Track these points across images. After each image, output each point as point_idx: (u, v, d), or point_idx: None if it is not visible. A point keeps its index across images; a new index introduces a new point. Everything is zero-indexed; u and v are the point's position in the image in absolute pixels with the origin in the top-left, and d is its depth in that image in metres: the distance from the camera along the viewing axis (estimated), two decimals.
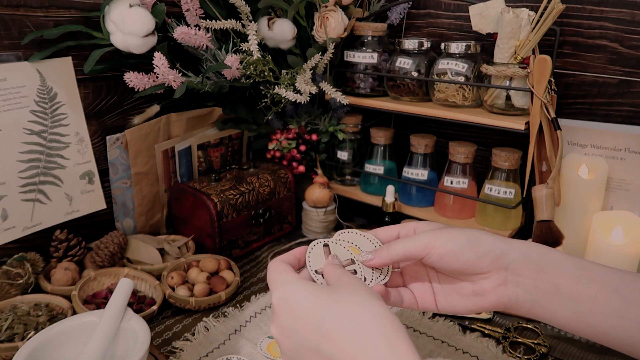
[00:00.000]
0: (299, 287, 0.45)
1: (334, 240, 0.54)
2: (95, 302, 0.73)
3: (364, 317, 0.40)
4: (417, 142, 0.96)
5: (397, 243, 0.51)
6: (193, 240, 0.90)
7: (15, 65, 0.74)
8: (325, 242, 0.54)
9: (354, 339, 0.39)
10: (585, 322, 0.46)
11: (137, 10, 0.75)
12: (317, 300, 0.43)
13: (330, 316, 0.41)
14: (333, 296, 0.43)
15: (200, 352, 0.68)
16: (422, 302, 0.54)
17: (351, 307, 0.41)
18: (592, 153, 0.86)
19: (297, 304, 0.43)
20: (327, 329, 0.41)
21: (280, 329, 0.44)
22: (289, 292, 0.45)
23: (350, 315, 0.41)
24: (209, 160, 1.02)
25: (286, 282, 0.46)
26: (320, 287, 0.45)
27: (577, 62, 0.88)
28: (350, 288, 0.44)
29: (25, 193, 0.76)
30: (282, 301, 0.45)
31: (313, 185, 0.99)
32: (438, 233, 0.50)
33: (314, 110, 1.02)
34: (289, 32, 0.90)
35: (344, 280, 0.46)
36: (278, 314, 0.45)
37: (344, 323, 0.40)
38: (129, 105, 0.90)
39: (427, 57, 0.92)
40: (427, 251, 0.49)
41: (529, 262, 0.48)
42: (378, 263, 0.51)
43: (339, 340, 0.40)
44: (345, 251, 0.53)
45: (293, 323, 0.43)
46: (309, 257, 0.52)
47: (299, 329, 0.42)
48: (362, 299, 0.42)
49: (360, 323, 0.40)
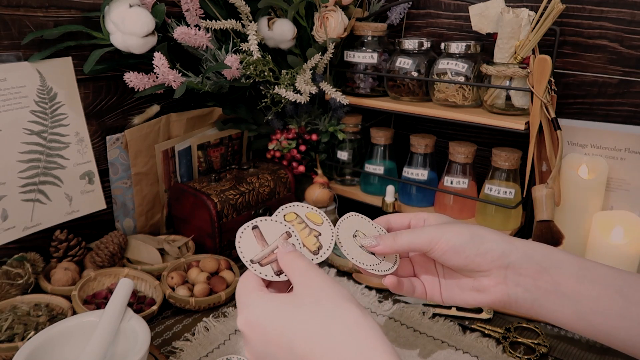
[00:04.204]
0: (262, 309, 0.42)
1: (264, 218, 0.49)
2: (95, 302, 0.73)
3: (333, 329, 0.38)
4: (417, 142, 0.96)
5: (403, 234, 0.51)
6: (193, 240, 0.90)
7: (15, 65, 0.74)
8: (254, 223, 0.48)
9: (324, 357, 0.37)
10: (586, 322, 0.46)
11: (137, 10, 0.75)
12: (282, 320, 0.40)
13: (299, 337, 0.39)
14: (299, 311, 0.40)
15: (200, 352, 0.68)
16: (430, 293, 0.55)
17: (319, 322, 0.39)
18: (592, 153, 0.86)
19: (265, 327, 0.41)
20: (298, 348, 0.39)
21: (255, 353, 0.42)
22: (253, 315, 0.42)
23: (319, 332, 0.38)
24: (209, 160, 1.02)
25: (248, 304, 0.43)
26: (284, 302, 0.42)
27: (577, 62, 0.88)
28: (314, 293, 0.41)
29: (25, 193, 0.76)
30: (247, 326, 0.42)
31: (313, 185, 0.99)
32: (444, 228, 0.50)
33: (314, 110, 1.02)
34: (289, 32, 0.90)
35: (307, 281, 0.43)
36: (249, 339, 0.43)
37: (313, 340, 0.38)
38: (129, 105, 0.90)
39: (427, 57, 0.92)
40: (431, 246, 0.50)
41: (531, 262, 0.48)
42: (382, 251, 0.51)
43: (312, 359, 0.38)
44: (278, 225, 0.48)
45: (266, 347, 0.41)
46: (239, 246, 0.47)
47: (274, 352, 0.40)
48: (330, 309, 0.40)
49: (330, 337, 0.38)
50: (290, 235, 0.48)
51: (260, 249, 0.48)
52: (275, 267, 0.47)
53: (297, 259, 0.45)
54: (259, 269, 0.46)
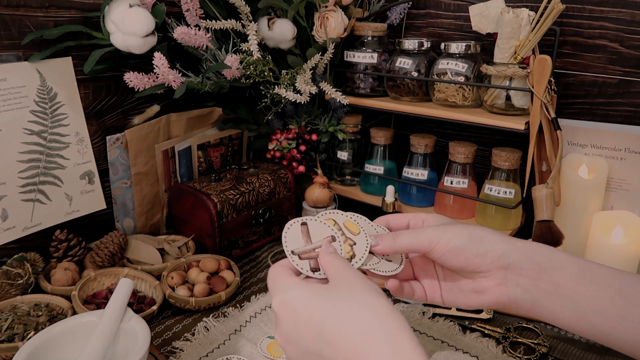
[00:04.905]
0: (297, 291, 0.44)
1: (312, 218, 0.51)
2: (95, 302, 0.73)
3: (364, 317, 0.40)
4: (417, 142, 0.96)
5: (404, 234, 0.51)
6: (193, 240, 0.90)
7: (15, 65, 0.74)
8: (303, 220, 0.51)
9: (353, 342, 0.39)
10: (587, 323, 0.46)
11: (137, 10, 0.75)
12: (315, 303, 0.42)
13: (329, 320, 0.40)
14: (331, 297, 0.42)
15: (200, 352, 0.68)
16: (431, 295, 0.55)
17: (350, 308, 0.41)
18: (592, 153, 0.86)
19: (296, 309, 0.43)
20: (327, 333, 0.40)
21: (283, 335, 0.44)
22: (287, 297, 0.44)
23: (349, 317, 0.40)
24: (209, 160, 1.02)
25: (284, 287, 0.45)
26: (319, 288, 0.44)
27: (577, 62, 0.88)
28: (349, 284, 0.43)
29: (25, 193, 0.76)
30: (282, 307, 0.44)
31: (313, 185, 0.99)
32: (444, 229, 0.50)
33: (314, 110, 1.02)
34: (289, 32, 0.90)
35: (343, 275, 0.45)
36: (280, 320, 0.44)
37: (343, 326, 0.40)
38: (129, 105, 0.90)
39: (427, 57, 0.92)
40: (432, 247, 0.50)
41: (531, 263, 0.48)
42: (382, 250, 0.51)
43: (340, 344, 0.39)
44: (326, 227, 0.50)
45: (294, 329, 0.42)
46: (285, 237, 0.49)
47: (301, 334, 0.42)
48: (362, 298, 0.41)
49: (360, 324, 0.39)
50: (335, 240, 0.50)
51: (303, 244, 0.50)
52: (313, 264, 0.49)
53: (337, 258, 0.47)
54: (297, 261, 0.48)
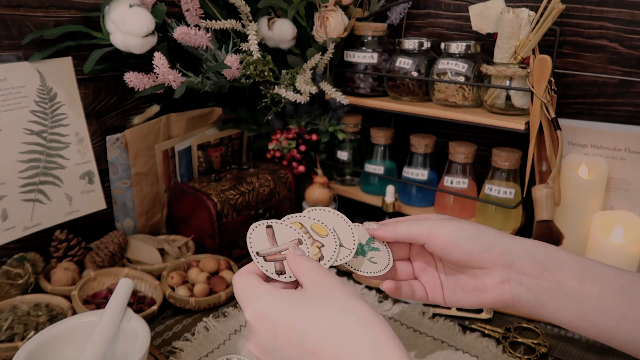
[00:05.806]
0: (273, 301, 0.42)
1: (278, 221, 0.50)
2: (95, 302, 0.73)
3: (347, 325, 0.39)
4: (417, 142, 0.96)
5: (404, 222, 0.51)
6: (193, 240, 0.90)
7: (15, 65, 0.74)
8: (269, 222, 0.50)
9: (337, 350, 0.38)
10: (589, 322, 0.46)
11: (137, 10, 0.75)
12: (294, 313, 0.40)
13: (311, 329, 0.39)
14: (310, 305, 0.40)
15: (200, 352, 0.68)
16: (432, 295, 0.55)
17: (331, 315, 0.39)
18: (592, 153, 0.86)
19: (274, 320, 0.41)
20: (309, 342, 0.39)
21: (260, 347, 0.42)
22: (262, 307, 0.42)
23: (331, 324, 0.39)
24: (209, 160, 1.02)
25: (257, 297, 0.43)
26: (296, 296, 0.42)
27: (577, 62, 0.88)
28: (327, 290, 0.42)
29: (25, 193, 0.76)
30: (257, 318, 0.42)
31: (313, 185, 0.99)
32: (445, 222, 0.50)
33: (314, 110, 1.02)
34: (289, 32, 0.90)
35: (318, 280, 0.43)
36: (255, 332, 0.42)
37: (326, 335, 0.38)
38: (129, 105, 0.90)
39: (427, 57, 0.92)
40: (430, 237, 0.49)
41: (534, 261, 0.48)
42: (382, 235, 0.51)
43: (322, 353, 0.38)
44: (292, 231, 0.50)
45: (273, 340, 0.41)
46: (250, 239, 0.48)
47: (280, 345, 0.40)
48: (343, 303, 0.40)
49: (343, 332, 0.38)
50: (301, 243, 0.50)
51: (269, 246, 0.49)
52: (278, 266, 0.48)
53: (308, 261, 0.46)
54: (262, 262, 0.47)
